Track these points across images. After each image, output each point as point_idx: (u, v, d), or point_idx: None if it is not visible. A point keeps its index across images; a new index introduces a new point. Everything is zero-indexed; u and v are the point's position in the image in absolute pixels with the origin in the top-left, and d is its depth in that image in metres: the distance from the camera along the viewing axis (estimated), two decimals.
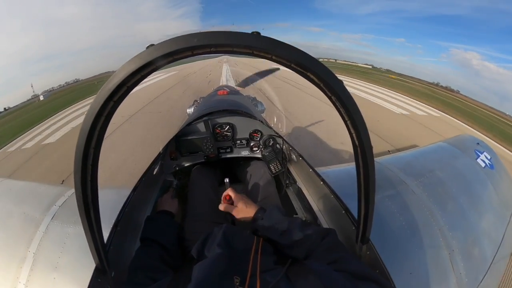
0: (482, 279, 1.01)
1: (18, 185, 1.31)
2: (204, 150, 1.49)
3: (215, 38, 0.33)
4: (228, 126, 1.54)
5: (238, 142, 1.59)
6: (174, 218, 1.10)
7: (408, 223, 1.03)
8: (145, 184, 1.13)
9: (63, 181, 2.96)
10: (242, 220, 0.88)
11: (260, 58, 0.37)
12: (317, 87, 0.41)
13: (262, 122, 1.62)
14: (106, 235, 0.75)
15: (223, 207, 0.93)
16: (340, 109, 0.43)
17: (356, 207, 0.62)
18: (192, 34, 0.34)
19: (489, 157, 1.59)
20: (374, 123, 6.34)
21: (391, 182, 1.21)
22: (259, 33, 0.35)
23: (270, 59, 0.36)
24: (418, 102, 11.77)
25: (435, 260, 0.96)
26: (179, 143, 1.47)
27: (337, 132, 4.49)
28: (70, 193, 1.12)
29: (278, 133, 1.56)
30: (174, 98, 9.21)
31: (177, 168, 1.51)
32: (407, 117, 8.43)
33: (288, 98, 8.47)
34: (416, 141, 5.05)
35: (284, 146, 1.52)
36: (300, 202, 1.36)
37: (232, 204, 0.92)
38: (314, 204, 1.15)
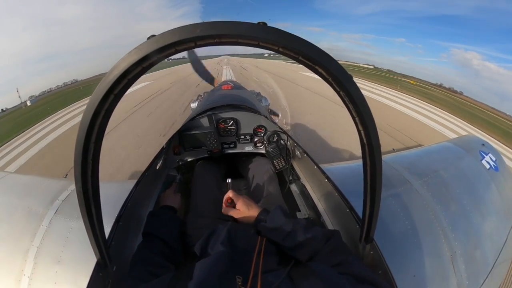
0: (483, 283, 0.99)
1: (22, 179, 1.32)
2: (208, 145, 1.48)
3: (219, 28, 0.31)
4: (232, 121, 1.53)
5: (242, 137, 1.57)
6: (177, 213, 1.10)
7: (411, 223, 1.01)
8: (148, 179, 1.13)
9: (66, 174, 2.97)
10: (244, 222, 0.86)
11: (266, 50, 0.35)
12: (325, 81, 0.39)
13: (267, 117, 1.60)
14: (108, 229, 0.75)
15: (225, 210, 0.91)
16: (349, 105, 0.41)
17: (360, 205, 0.61)
18: (195, 24, 0.32)
19: (494, 158, 1.57)
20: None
21: (395, 180, 1.19)
22: (265, 23, 0.33)
23: (277, 51, 0.35)
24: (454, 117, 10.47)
25: (437, 262, 0.95)
26: (183, 138, 1.47)
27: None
28: (73, 187, 1.12)
29: (282, 128, 1.54)
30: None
31: (180, 162, 1.51)
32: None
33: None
34: None
35: (288, 142, 1.50)
36: (304, 199, 1.34)
37: (234, 206, 0.90)
38: (318, 202, 1.14)
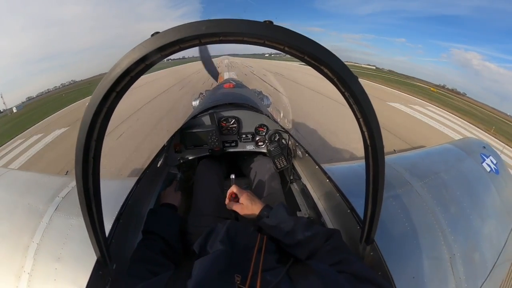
0: (482, 285, 1.00)
1: (23, 175, 1.32)
2: (209, 143, 1.47)
3: (225, 26, 0.31)
4: (233, 120, 1.52)
5: (244, 136, 1.57)
6: (177, 211, 1.10)
7: (411, 225, 1.02)
8: (148, 177, 1.12)
9: (67, 171, 2.96)
10: (247, 217, 0.87)
11: (271, 49, 0.35)
12: (330, 82, 0.38)
13: (269, 116, 1.59)
14: (109, 227, 0.75)
15: (229, 205, 0.92)
16: (353, 106, 0.41)
17: (360, 205, 0.61)
18: (200, 21, 0.31)
19: (494, 161, 1.57)
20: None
21: (396, 182, 1.19)
22: (271, 22, 0.32)
23: (283, 51, 0.34)
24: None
25: (436, 264, 0.95)
26: (184, 136, 1.46)
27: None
28: (74, 184, 1.12)
29: (284, 128, 1.54)
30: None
31: (181, 161, 1.51)
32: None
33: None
34: None
35: (290, 142, 1.49)
36: (304, 199, 1.34)
37: (237, 201, 0.92)
38: (318, 202, 1.14)
